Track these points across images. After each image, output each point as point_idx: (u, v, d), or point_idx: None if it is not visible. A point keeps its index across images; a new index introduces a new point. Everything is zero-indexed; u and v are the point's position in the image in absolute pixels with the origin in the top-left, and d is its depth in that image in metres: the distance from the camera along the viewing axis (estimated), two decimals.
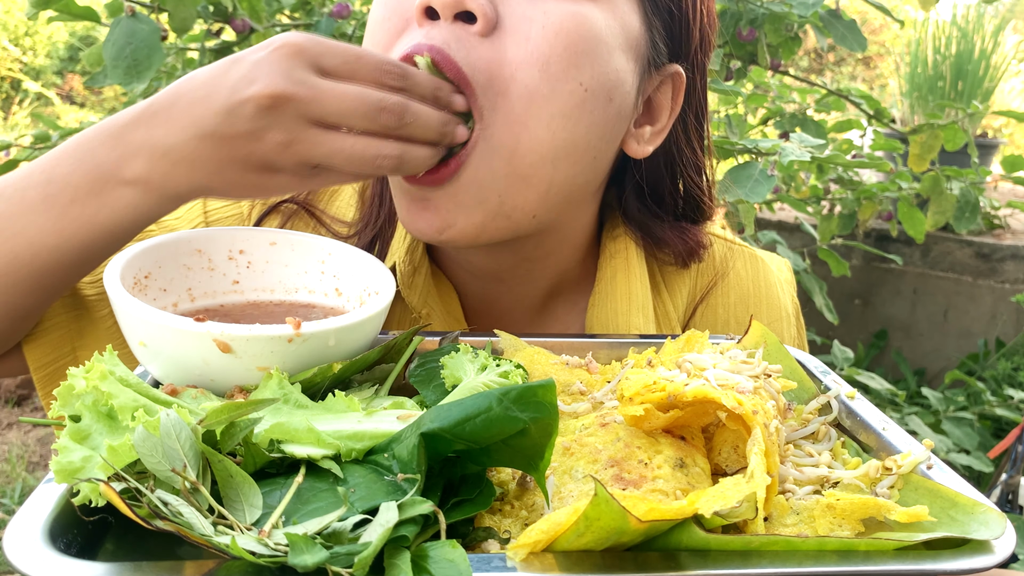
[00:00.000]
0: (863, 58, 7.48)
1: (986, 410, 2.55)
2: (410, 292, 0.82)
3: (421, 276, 0.83)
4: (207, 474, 0.46)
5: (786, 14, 1.91)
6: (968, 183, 2.16)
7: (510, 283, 0.85)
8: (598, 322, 0.84)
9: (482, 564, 0.42)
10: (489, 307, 0.88)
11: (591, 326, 0.85)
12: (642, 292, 0.85)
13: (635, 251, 0.86)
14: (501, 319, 0.87)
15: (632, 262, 0.86)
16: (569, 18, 0.68)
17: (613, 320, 0.84)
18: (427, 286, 0.83)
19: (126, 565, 0.41)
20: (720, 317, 0.92)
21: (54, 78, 8.22)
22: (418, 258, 0.83)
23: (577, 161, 0.73)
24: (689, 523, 0.44)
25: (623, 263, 0.86)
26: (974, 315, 3.34)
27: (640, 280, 0.85)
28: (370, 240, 0.86)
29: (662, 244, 0.88)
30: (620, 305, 0.84)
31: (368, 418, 0.53)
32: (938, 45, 3.48)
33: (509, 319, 0.88)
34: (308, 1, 2.08)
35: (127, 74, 1.37)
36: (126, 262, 0.64)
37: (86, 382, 0.50)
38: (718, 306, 0.92)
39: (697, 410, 0.55)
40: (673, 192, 0.88)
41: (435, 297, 0.84)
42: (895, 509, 0.49)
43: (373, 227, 0.86)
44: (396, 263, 0.82)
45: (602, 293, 0.85)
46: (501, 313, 0.88)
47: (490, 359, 0.64)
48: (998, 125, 4.51)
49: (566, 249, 0.85)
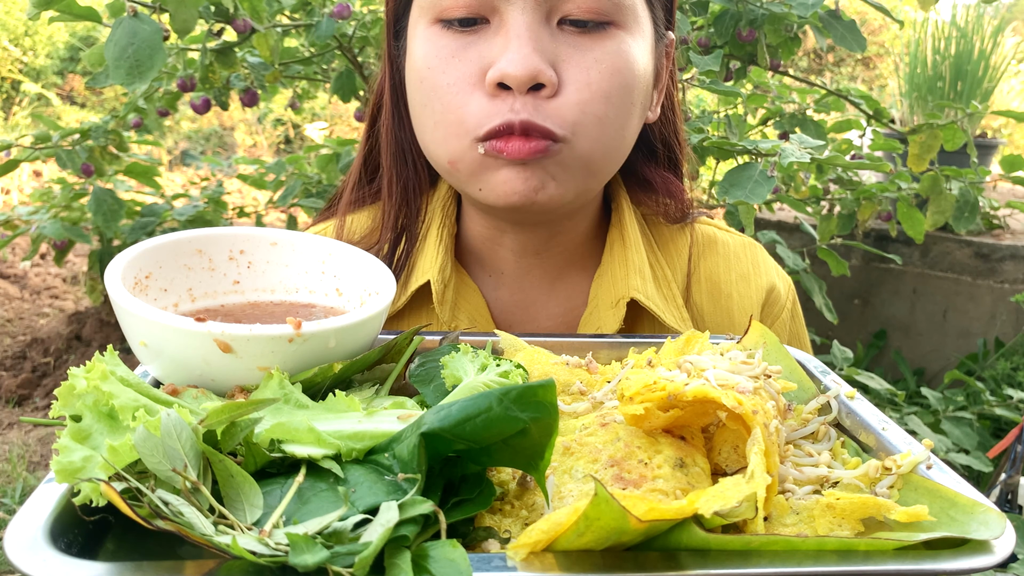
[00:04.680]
0: (862, 58, 7.49)
1: (985, 410, 2.55)
2: (442, 308, 0.90)
3: (451, 290, 0.91)
4: (208, 474, 0.46)
5: (786, 14, 1.91)
6: (967, 183, 2.16)
7: (543, 255, 0.95)
8: (602, 290, 0.92)
9: (482, 564, 0.42)
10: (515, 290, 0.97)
11: (595, 294, 0.93)
12: (638, 257, 0.93)
13: (628, 215, 0.96)
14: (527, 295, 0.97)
15: (627, 229, 0.95)
16: (616, 56, 0.81)
17: (612, 287, 0.92)
18: (455, 298, 0.92)
19: (127, 565, 0.41)
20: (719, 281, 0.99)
21: (54, 78, 8.22)
22: (448, 275, 0.91)
23: (626, 150, 0.88)
24: (689, 523, 0.44)
25: (619, 234, 0.95)
26: (973, 315, 3.34)
27: (635, 247, 0.94)
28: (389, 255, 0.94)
29: (647, 187, 0.99)
30: (618, 271, 0.92)
31: (368, 418, 0.53)
32: (937, 45, 3.48)
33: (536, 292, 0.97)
34: (309, 2, 2.08)
35: (129, 74, 1.37)
36: (127, 262, 0.64)
37: (87, 382, 0.50)
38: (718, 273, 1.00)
39: (697, 410, 0.55)
40: (653, 137, 0.99)
41: (463, 303, 0.93)
42: (895, 509, 0.49)
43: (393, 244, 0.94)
44: (431, 281, 0.90)
45: (604, 264, 0.95)
46: (526, 291, 0.97)
47: (490, 359, 0.64)
48: (997, 125, 4.51)
49: (585, 219, 0.95)
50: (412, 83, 0.85)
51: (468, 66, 0.80)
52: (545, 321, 0.96)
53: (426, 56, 0.82)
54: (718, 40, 2.00)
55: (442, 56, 0.81)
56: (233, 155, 6.61)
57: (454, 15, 0.80)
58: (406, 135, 0.94)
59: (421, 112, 0.84)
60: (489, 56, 0.79)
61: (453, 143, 0.81)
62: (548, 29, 0.80)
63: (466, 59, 0.80)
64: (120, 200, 2.69)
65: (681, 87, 2.16)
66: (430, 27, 0.82)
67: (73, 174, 2.63)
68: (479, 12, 0.80)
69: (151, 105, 2.51)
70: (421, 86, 0.82)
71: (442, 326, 0.90)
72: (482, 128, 0.79)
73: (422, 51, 0.82)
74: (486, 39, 0.80)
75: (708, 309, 0.97)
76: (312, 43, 2.23)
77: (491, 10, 0.80)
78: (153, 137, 3.27)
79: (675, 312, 0.93)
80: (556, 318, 0.96)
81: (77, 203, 3.11)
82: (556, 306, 0.97)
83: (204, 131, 7.94)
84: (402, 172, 0.95)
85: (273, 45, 1.87)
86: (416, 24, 0.84)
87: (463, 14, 0.80)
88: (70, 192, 3.09)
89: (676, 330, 0.90)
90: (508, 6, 0.79)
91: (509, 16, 0.79)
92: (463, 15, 0.80)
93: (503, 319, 0.96)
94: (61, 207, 3.10)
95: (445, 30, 0.81)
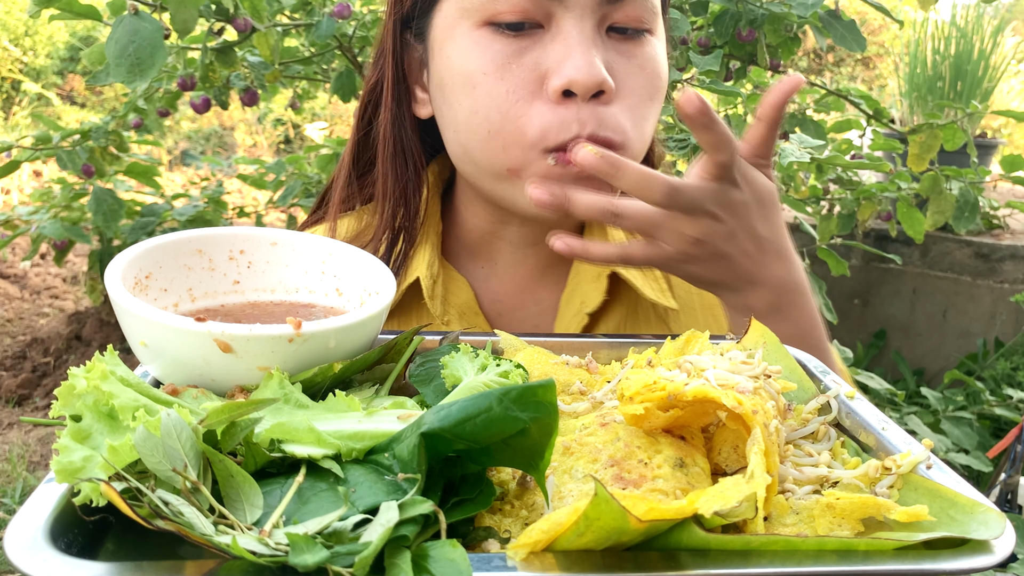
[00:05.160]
0: (862, 58, 7.49)
1: (985, 410, 2.55)
2: (433, 303, 0.90)
3: (440, 285, 0.92)
4: (208, 474, 0.46)
5: (785, 14, 1.91)
6: (967, 183, 2.16)
7: (539, 245, 0.96)
8: (585, 266, 0.95)
9: (482, 564, 0.42)
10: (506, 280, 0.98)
11: (576, 271, 0.96)
12: (616, 232, 0.95)
13: None
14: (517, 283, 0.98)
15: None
16: (653, 62, 0.84)
17: (589, 266, 0.94)
18: (444, 292, 0.93)
19: (127, 565, 0.41)
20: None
21: (54, 78, 8.22)
22: (436, 270, 0.92)
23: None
24: (689, 523, 0.44)
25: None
26: (973, 315, 3.34)
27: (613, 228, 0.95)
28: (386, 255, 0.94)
29: None
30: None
31: (368, 418, 0.53)
32: (937, 45, 3.48)
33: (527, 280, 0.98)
34: (309, 1, 2.08)
35: (130, 72, 1.37)
36: (127, 262, 0.64)
37: (87, 382, 0.50)
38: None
39: (697, 410, 0.55)
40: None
41: (451, 297, 0.94)
42: (895, 509, 0.49)
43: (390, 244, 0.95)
44: (420, 278, 0.91)
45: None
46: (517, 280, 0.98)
47: (490, 359, 0.64)
48: (997, 125, 4.51)
49: None
50: (457, 88, 0.82)
51: (526, 72, 0.79)
52: (533, 307, 0.97)
53: (478, 60, 0.80)
54: (718, 40, 2.00)
55: (497, 61, 0.79)
56: (233, 155, 6.62)
57: (507, 19, 0.79)
58: (407, 135, 0.93)
59: (470, 119, 0.82)
60: (546, 62, 0.79)
61: (515, 152, 0.80)
62: (600, 36, 0.81)
63: (522, 65, 0.79)
64: (120, 200, 2.69)
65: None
66: (477, 30, 0.80)
67: (73, 174, 2.63)
68: (533, 17, 0.79)
69: (151, 105, 2.51)
70: (473, 92, 0.81)
71: (432, 320, 0.91)
72: (551, 141, 0.79)
73: (471, 55, 0.80)
74: (541, 45, 0.79)
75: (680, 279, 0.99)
76: (312, 43, 2.23)
77: (546, 15, 0.79)
78: (153, 137, 3.27)
79: (653, 284, 0.94)
80: (544, 302, 0.97)
81: (77, 203, 3.11)
82: (545, 292, 0.97)
83: (204, 131, 7.95)
84: (402, 172, 0.94)
85: (273, 44, 1.87)
86: (456, 25, 0.82)
87: (517, 18, 0.79)
88: (70, 192, 3.09)
89: (656, 302, 0.93)
90: (565, 12, 0.78)
91: (566, 23, 0.78)
92: (517, 19, 0.79)
93: (492, 308, 0.96)
94: (61, 207, 3.11)
95: (496, 33, 0.79)
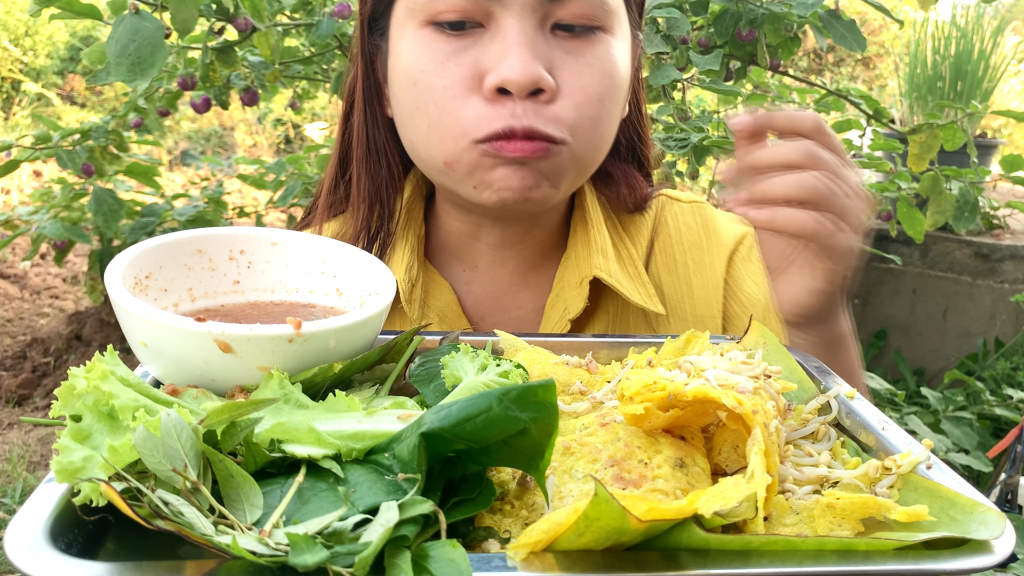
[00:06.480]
0: (862, 58, 7.49)
1: (985, 410, 2.55)
2: (411, 307, 0.91)
3: (418, 289, 0.92)
4: (208, 474, 0.46)
5: (786, 14, 1.91)
6: (967, 183, 2.16)
7: (518, 247, 0.97)
8: (568, 272, 0.94)
9: (482, 564, 0.42)
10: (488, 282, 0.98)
11: (560, 276, 0.95)
12: (600, 237, 0.95)
13: (591, 199, 0.97)
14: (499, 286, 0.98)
15: (589, 212, 0.96)
16: (605, 60, 0.83)
17: (576, 268, 0.94)
18: (424, 296, 0.94)
19: (127, 565, 0.41)
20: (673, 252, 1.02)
21: (54, 78, 8.22)
22: (415, 274, 0.92)
23: (609, 147, 0.90)
24: (689, 523, 0.44)
25: (581, 216, 0.97)
26: (973, 315, 3.34)
27: (597, 227, 0.96)
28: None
29: (608, 179, 1.00)
30: (582, 252, 0.94)
31: (369, 418, 0.53)
32: (937, 45, 3.48)
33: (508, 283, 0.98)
34: (309, 1, 2.08)
35: (131, 71, 1.37)
36: (127, 263, 0.64)
37: (87, 382, 0.50)
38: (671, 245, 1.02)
39: (697, 410, 0.55)
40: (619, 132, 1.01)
41: (433, 300, 0.94)
42: (895, 509, 0.49)
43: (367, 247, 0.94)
44: (396, 281, 0.89)
45: (569, 247, 0.96)
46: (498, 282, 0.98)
47: (490, 359, 0.64)
48: (997, 125, 4.51)
49: (559, 210, 0.97)
50: (402, 85, 0.84)
51: (464, 70, 0.80)
52: (515, 311, 0.97)
53: (419, 58, 0.81)
54: (718, 40, 2.00)
55: (436, 59, 0.81)
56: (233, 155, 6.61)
57: (447, 18, 0.80)
58: (380, 134, 0.93)
59: (413, 114, 0.84)
60: (485, 61, 0.79)
61: (449, 145, 0.81)
62: (543, 35, 0.81)
63: (461, 63, 0.80)
64: (120, 200, 2.69)
65: (681, 87, 2.17)
66: (421, 29, 0.82)
67: (73, 174, 2.63)
68: (473, 16, 0.80)
69: (151, 105, 2.51)
70: (414, 88, 0.82)
71: (412, 324, 0.91)
72: (482, 132, 0.79)
73: (414, 53, 0.82)
74: (481, 44, 0.80)
75: (667, 281, 0.99)
76: (312, 43, 2.23)
77: (486, 15, 0.80)
78: (153, 137, 3.27)
79: (640, 289, 0.94)
80: (526, 306, 0.97)
81: (77, 203, 3.11)
82: (527, 296, 0.98)
83: (204, 131, 7.95)
84: (376, 173, 0.94)
85: (274, 44, 1.87)
86: (404, 25, 0.84)
87: (457, 17, 0.80)
88: (70, 192, 3.09)
89: (640, 306, 0.93)
90: (504, 11, 0.79)
91: (505, 22, 0.79)
92: (456, 18, 0.80)
93: (475, 312, 0.97)
94: (61, 207, 3.11)
95: (438, 32, 0.81)
